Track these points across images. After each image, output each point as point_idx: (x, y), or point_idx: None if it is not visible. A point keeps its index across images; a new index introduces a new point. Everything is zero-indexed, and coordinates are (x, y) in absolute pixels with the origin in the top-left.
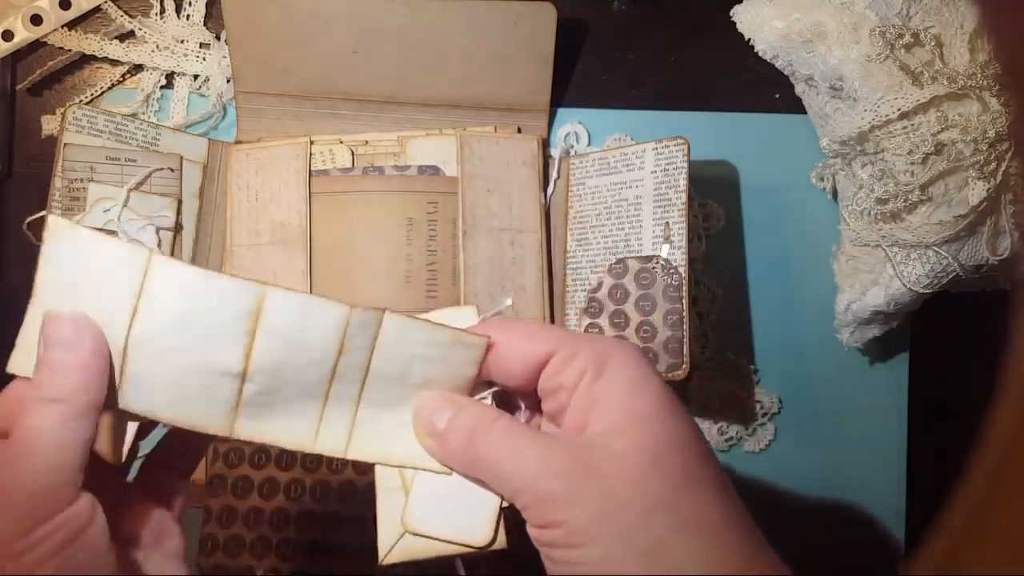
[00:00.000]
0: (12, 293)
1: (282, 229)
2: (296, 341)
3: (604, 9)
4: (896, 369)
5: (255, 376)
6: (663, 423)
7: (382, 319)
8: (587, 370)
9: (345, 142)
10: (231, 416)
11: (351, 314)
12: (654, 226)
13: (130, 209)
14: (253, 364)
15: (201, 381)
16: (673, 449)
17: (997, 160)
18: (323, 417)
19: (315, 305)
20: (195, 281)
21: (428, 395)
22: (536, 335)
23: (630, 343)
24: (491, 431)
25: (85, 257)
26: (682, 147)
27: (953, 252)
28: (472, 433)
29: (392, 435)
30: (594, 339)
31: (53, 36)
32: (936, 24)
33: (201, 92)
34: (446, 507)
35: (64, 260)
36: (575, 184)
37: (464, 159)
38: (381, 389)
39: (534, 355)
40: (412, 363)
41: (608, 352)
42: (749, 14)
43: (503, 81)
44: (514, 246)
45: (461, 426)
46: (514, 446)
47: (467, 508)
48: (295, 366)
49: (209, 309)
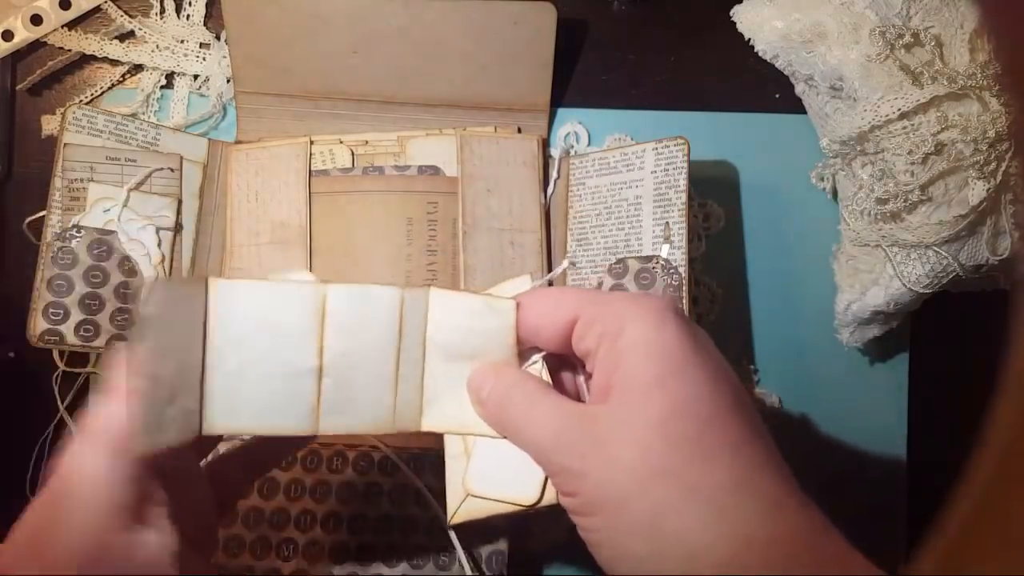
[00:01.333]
0: (12, 293)
1: (282, 229)
2: (361, 330)
3: (604, 9)
4: (896, 369)
5: (330, 371)
6: (671, 387)
7: (428, 295)
8: (605, 334)
9: (345, 142)
10: (314, 415)
11: (404, 295)
12: (654, 226)
13: (130, 209)
14: (327, 360)
15: (282, 386)
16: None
17: (997, 160)
18: (396, 398)
19: (372, 293)
20: (258, 291)
21: (479, 366)
22: (561, 301)
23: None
24: (513, 401)
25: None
26: (682, 147)
27: (953, 252)
28: (500, 402)
29: (455, 405)
30: (616, 299)
31: (53, 36)
32: (936, 24)
33: (201, 92)
34: (501, 471)
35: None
36: (575, 184)
37: (464, 159)
38: (440, 362)
39: (560, 322)
40: (458, 335)
41: (625, 313)
42: (749, 14)
43: (503, 81)
44: (514, 246)
45: (495, 395)
46: (533, 417)
47: (518, 470)
48: (364, 354)
49: (277, 316)
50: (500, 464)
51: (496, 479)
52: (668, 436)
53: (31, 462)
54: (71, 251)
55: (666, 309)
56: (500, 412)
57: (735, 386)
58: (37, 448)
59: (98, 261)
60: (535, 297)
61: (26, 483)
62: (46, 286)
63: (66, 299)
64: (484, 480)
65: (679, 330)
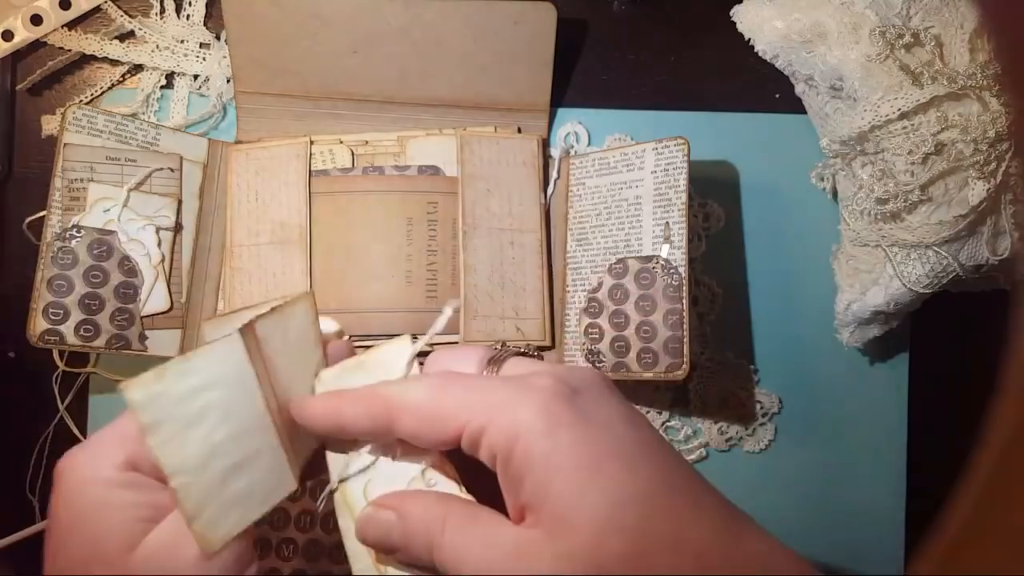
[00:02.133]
0: (12, 293)
1: (282, 229)
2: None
3: (604, 9)
4: (896, 369)
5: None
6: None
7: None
8: (496, 455)
9: (345, 142)
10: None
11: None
12: (654, 226)
13: (130, 209)
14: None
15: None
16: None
17: (997, 160)
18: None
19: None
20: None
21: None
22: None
23: (539, 388)
24: (446, 537)
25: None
26: (682, 147)
27: (953, 252)
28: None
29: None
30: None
31: (53, 36)
32: (936, 24)
33: (201, 92)
34: None
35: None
36: (575, 184)
37: (464, 159)
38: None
39: (446, 432)
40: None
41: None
42: (749, 14)
43: (503, 81)
44: (514, 246)
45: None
46: (469, 557)
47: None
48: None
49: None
50: None
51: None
52: (601, 562)
53: (31, 462)
54: (71, 251)
55: (552, 400)
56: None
57: (651, 444)
58: (37, 448)
59: (98, 261)
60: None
61: (26, 483)
62: (46, 286)
63: (66, 299)
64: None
65: (573, 431)
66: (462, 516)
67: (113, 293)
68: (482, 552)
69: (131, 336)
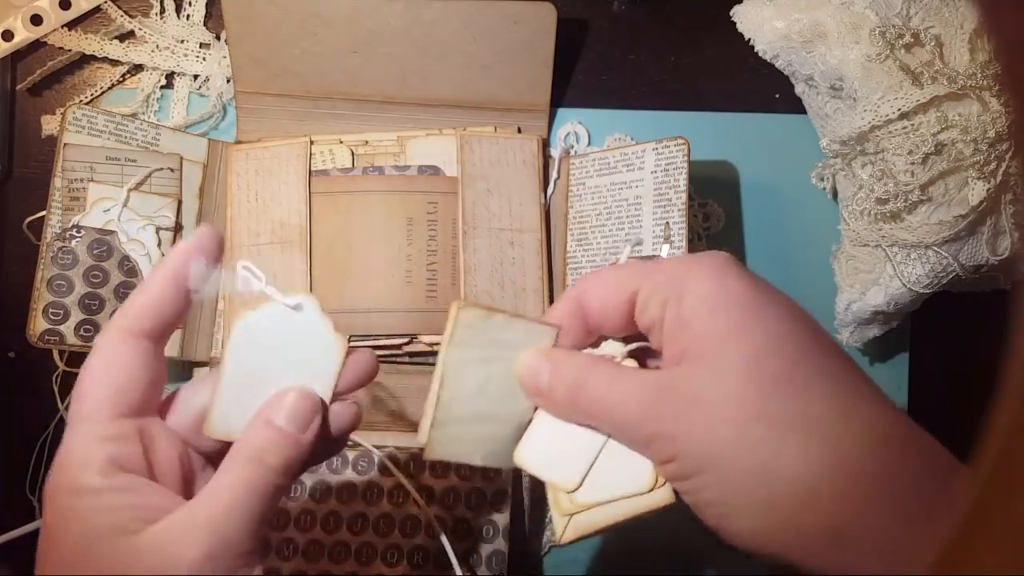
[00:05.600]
0: (12, 293)
1: (282, 229)
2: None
3: (604, 9)
4: (896, 369)
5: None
6: (748, 333)
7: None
8: (668, 299)
9: (345, 142)
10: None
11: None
12: (654, 226)
13: (130, 209)
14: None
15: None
16: (764, 356)
17: (997, 160)
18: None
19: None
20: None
21: (524, 356)
22: (619, 278)
23: (709, 255)
24: (590, 381)
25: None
26: (682, 147)
27: (953, 252)
28: (575, 386)
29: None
30: (672, 263)
31: (53, 36)
32: (936, 24)
33: (201, 92)
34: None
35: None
36: (575, 184)
37: (464, 159)
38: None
39: (621, 301)
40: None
41: (683, 275)
42: (749, 14)
43: (503, 81)
44: (514, 246)
45: (564, 380)
46: (614, 392)
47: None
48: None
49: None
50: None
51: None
52: (758, 379)
53: (31, 462)
54: (71, 251)
55: (724, 263)
56: (575, 395)
57: (815, 326)
58: (37, 448)
59: (98, 261)
60: (594, 279)
61: (26, 483)
62: (46, 286)
63: (66, 299)
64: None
65: (741, 280)
66: (609, 365)
67: (113, 293)
68: (631, 382)
69: None
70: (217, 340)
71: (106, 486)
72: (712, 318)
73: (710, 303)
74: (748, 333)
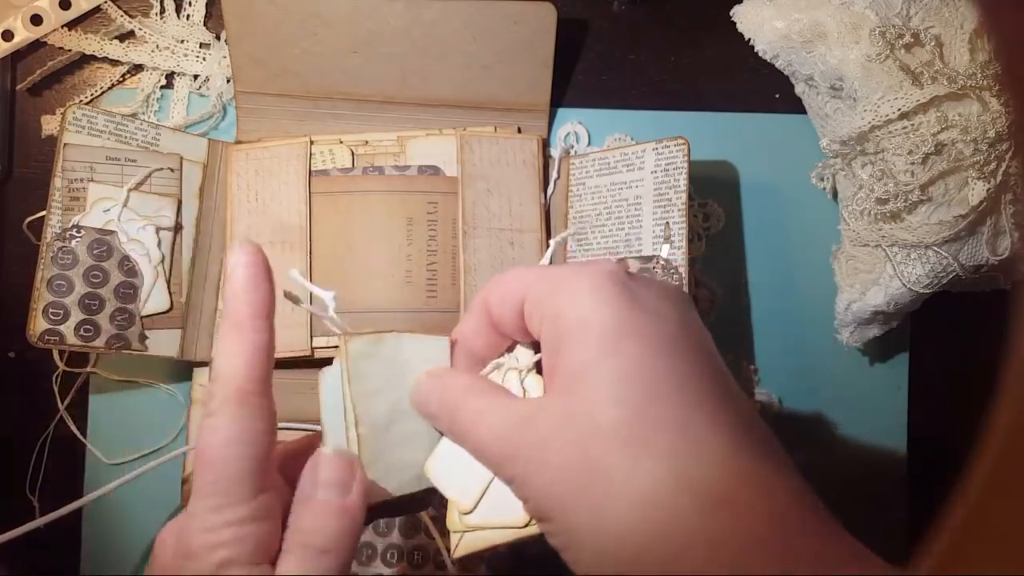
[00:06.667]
0: (12, 293)
1: (282, 229)
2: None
3: (604, 9)
4: (896, 369)
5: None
6: (604, 368)
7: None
8: (545, 316)
9: (345, 142)
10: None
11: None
12: (654, 226)
13: (130, 209)
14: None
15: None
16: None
17: (997, 160)
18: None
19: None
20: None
21: (420, 376)
22: (515, 282)
23: (592, 268)
24: (462, 412)
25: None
26: (682, 147)
27: (953, 252)
28: (451, 417)
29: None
30: (558, 275)
31: (53, 36)
32: (936, 24)
33: (201, 92)
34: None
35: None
36: (575, 184)
37: (464, 159)
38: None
39: (513, 307)
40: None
41: (562, 291)
42: (749, 14)
43: (503, 81)
44: (514, 246)
45: (446, 406)
46: (480, 428)
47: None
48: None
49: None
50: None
51: (486, 507)
52: (604, 424)
53: (31, 462)
54: (71, 251)
55: (603, 280)
56: (451, 426)
57: (693, 350)
58: (37, 448)
59: (98, 261)
60: (497, 282)
61: (26, 483)
62: (46, 286)
63: (66, 299)
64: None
65: (614, 303)
66: (489, 388)
67: (113, 293)
68: (496, 417)
69: (131, 336)
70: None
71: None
72: (576, 348)
73: (578, 330)
74: (604, 370)
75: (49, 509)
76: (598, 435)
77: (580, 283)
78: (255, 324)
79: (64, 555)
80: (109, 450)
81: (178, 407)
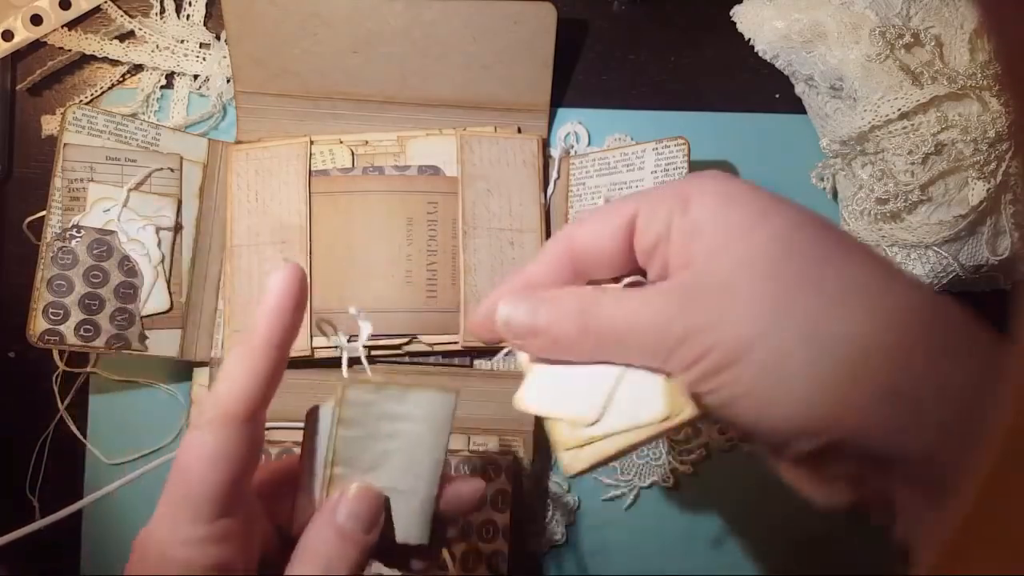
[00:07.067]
0: (12, 293)
1: (282, 229)
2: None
3: (604, 9)
4: None
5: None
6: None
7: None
8: (673, 211)
9: (345, 142)
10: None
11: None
12: None
13: (130, 209)
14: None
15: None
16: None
17: (997, 160)
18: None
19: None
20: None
21: (504, 303)
22: (613, 208)
23: (711, 172)
24: (600, 302)
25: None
26: (682, 147)
27: (953, 252)
28: (582, 312)
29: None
30: (669, 183)
31: (53, 36)
32: (936, 24)
33: (201, 92)
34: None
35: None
36: (575, 184)
37: (464, 159)
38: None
39: (618, 228)
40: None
41: (688, 184)
42: (749, 14)
43: (503, 81)
44: (514, 246)
45: (567, 310)
46: (629, 305)
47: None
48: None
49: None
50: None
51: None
52: (791, 253)
53: (31, 462)
54: (71, 251)
55: (723, 174)
56: (585, 322)
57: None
58: (37, 448)
59: (98, 261)
60: (586, 217)
61: (26, 483)
62: (46, 286)
63: (66, 299)
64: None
65: (744, 183)
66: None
67: (113, 293)
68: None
69: (131, 336)
70: (217, 340)
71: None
72: (728, 213)
73: (721, 203)
74: (769, 218)
75: (49, 509)
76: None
77: (706, 177)
78: (266, 352)
79: (64, 555)
80: (109, 450)
81: (178, 407)
